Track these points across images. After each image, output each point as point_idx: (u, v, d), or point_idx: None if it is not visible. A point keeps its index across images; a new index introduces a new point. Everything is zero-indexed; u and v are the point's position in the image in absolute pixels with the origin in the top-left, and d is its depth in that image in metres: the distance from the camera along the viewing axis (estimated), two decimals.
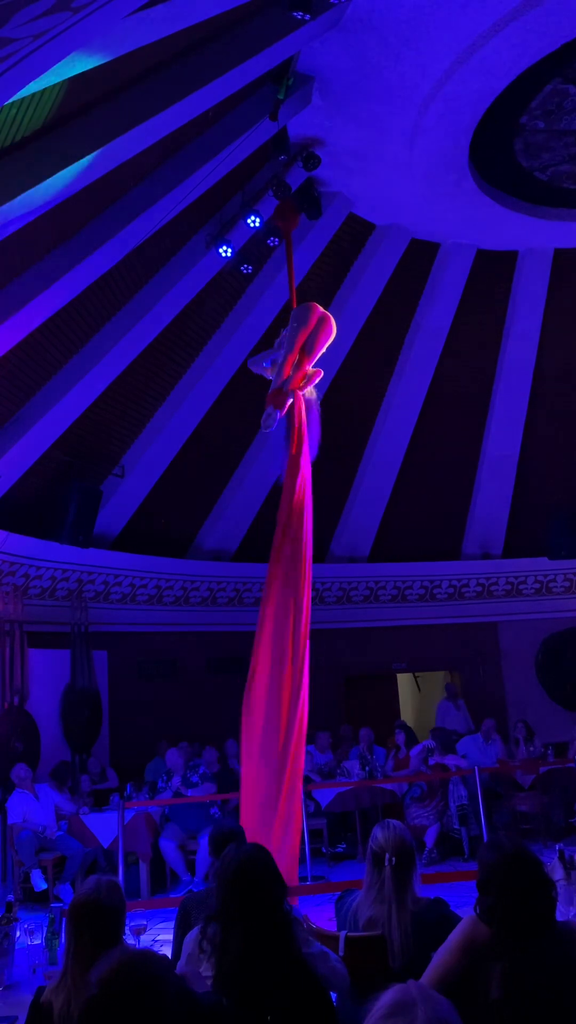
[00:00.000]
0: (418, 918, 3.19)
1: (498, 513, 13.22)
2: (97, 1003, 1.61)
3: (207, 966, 2.57)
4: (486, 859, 2.62)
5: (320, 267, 10.32)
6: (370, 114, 8.42)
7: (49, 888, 8.10)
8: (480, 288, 11.14)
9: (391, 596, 13.45)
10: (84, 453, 10.37)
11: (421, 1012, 1.30)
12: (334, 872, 9.13)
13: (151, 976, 1.66)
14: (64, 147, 6.60)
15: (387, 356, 11.64)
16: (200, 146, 7.98)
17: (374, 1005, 1.37)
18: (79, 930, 2.80)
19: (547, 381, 12.06)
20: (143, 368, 10.06)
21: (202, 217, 9.15)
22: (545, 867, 2.59)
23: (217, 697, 12.11)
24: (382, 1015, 1.33)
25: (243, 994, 2.35)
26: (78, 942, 2.79)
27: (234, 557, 12.58)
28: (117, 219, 7.96)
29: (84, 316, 9.12)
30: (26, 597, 10.41)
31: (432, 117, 8.37)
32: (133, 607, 11.99)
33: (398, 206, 9.89)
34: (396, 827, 3.45)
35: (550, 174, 9.45)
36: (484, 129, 8.65)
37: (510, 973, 2.34)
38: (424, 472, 12.64)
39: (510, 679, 13.60)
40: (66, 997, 2.67)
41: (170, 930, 4.21)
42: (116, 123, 6.76)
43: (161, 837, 8.87)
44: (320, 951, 2.76)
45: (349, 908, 3.43)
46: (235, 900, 2.56)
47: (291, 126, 8.57)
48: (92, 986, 1.65)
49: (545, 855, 3.83)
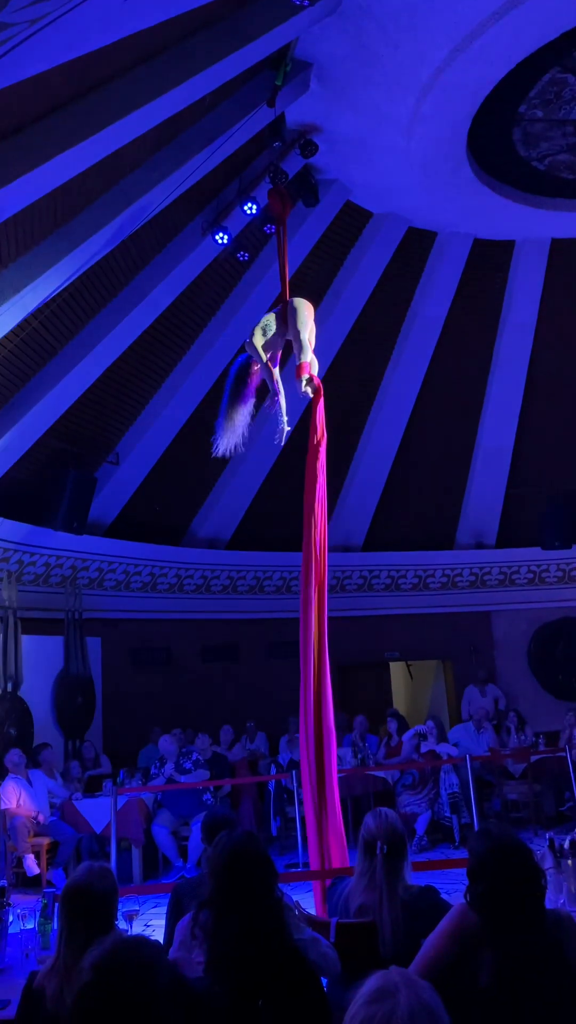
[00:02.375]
0: (409, 905, 3.22)
1: (492, 503, 13.25)
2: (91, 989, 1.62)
3: (199, 952, 2.58)
4: (476, 847, 2.64)
5: (317, 255, 10.30)
6: (368, 101, 8.38)
7: (42, 873, 8.14)
8: (477, 278, 11.13)
9: (385, 585, 13.49)
10: (79, 440, 10.36)
11: (403, 998, 1.32)
12: None
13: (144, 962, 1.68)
14: (61, 132, 6.56)
15: (383, 345, 11.63)
16: (197, 132, 7.92)
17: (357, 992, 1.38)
18: (72, 915, 2.82)
19: (542, 371, 12.06)
20: (139, 355, 10.04)
21: (199, 204, 9.11)
22: (535, 855, 2.60)
23: (210, 684, 12.17)
24: (365, 1001, 1.34)
25: (235, 980, 2.37)
26: (71, 927, 2.81)
27: (228, 545, 12.59)
28: (113, 205, 7.91)
29: (80, 302, 9.09)
30: (20, 583, 10.41)
31: (430, 105, 8.34)
32: (127, 594, 12.00)
33: (395, 194, 9.86)
34: (387, 815, 3.47)
35: (548, 163, 9.43)
36: (482, 118, 8.62)
37: (500, 961, 2.37)
38: (419, 461, 12.66)
39: (502, 668, 13.66)
40: (59, 982, 2.69)
41: (162, 915, 4.23)
42: (113, 108, 6.71)
43: (154, 823, 8.91)
44: (312, 937, 2.78)
45: (340, 895, 3.46)
46: (227, 886, 2.57)
47: (289, 113, 8.54)
48: (85, 972, 1.66)
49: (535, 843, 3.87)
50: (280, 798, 9.83)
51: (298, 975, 2.51)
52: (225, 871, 2.59)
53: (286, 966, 2.48)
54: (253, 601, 13.07)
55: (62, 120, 6.63)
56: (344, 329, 11.04)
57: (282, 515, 12.61)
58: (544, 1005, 2.29)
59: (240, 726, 11.50)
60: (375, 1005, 1.31)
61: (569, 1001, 2.31)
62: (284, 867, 8.23)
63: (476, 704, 12.35)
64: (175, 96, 6.98)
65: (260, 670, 12.61)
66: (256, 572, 12.89)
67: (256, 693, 12.20)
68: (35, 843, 8.29)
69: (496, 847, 2.56)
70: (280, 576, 13.07)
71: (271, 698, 12.06)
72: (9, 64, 4.99)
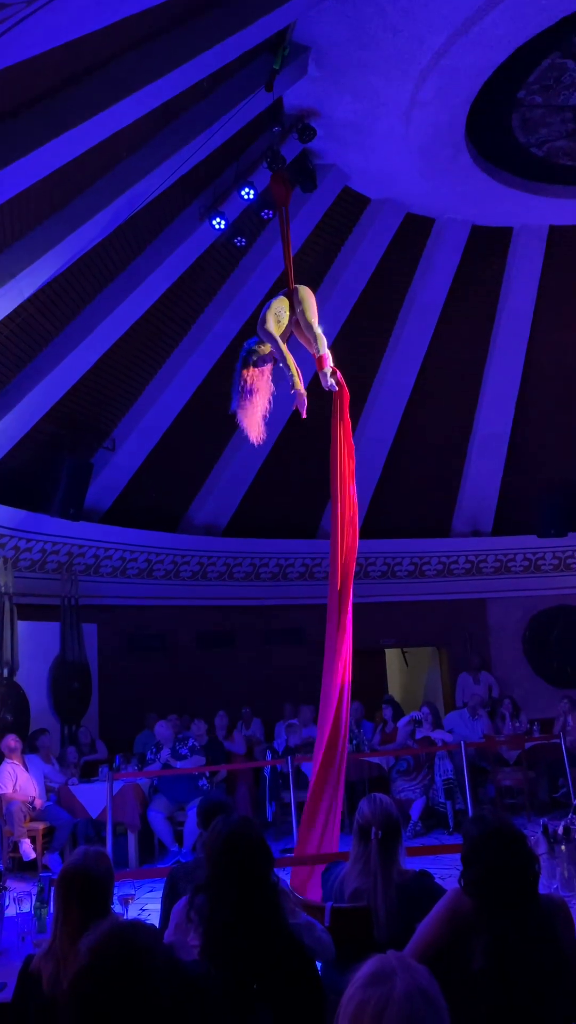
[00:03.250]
0: (403, 890, 3.24)
1: (488, 491, 13.26)
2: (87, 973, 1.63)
3: (195, 936, 2.60)
4: (471, 833, 2.66)
5: (314, 240, 10.25)
6: (367, 86, 8.33)
7: (38, 857, 8.18)
8: (474, 264, 11.09)
9: (381, 572, 13.50)
10: (75, 426, 10.33)
11: (400, 981, 1.33)
12: None
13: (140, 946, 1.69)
14: (57, 115, 6.51)
15: (380, 331, 11.59)
16: (195, 116, 7.87)
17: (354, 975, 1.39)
18: (68, 899, 2.84)
19: (540, 359, 12.04)
20: (135, 341, 10.00)
21: (196, 189, 9.06)
22: (529, 841, 2.62)
23: (206, 671, 12.19)
24: (361, 984, 1.35)
25: (230, 963, 2.39)
26: (67, 911, 2.82)
27: (225, 532, 12.59)
28: (110, 189, 7.86)
29: (76, 287, 9.05)
30: (16, 569, 10.40)
31: (429, 90, 8.29)
32: (123, 581, 12.00)
33: (394, 180, 9.81)
34: (382, 801, 3.50)
35: (546, 150, 9.39)
36: (481, 103, 8.57)
37: (493, 945, 2.38)
38: (415, 449, 12.65)
39: (497, 656, 13.70)
40: (55, 965, 2.71)
41: (157, 899, 4.25)
42: (110, 91, 6.67)
43: (150, 808, 8.95)
44: (306, 922, 2.80)
45: (335, 880, 3.48)
46: (223, 871, 2.58)
47: (287, 97, 8.49)
48: (82, 956, 1.67)
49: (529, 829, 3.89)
50: (276, 784, 9.88)
51: (293, 959, 2.52)
52: (221, 856, 2.61)
53: (281, 950, 2.50)
54: (249, 588, 13.09)
55: (58, 103, 6.59)
56: (342, 315, 11.00)
57: (279, 502, 12.62)
58: (537, 989, 2.31)
59: (236, 712, 11.54)
60: (371, 988, 1.32)
61: (561, 985, 2.33)
62: (279, 852, 8.28)
63: (470, 691, 12.41)
64: (172, 79, 6.93)
65: (256, 656, 12.64)
66: (252, 559, 12.90)
67: (252, 679, 12.23)
68: (31, 828, 8.32)
69: (490, 833, 2.58)
70: (276, 563, 13.08)
71: (267, 684, 12.10)
72: (5, 46, 4.96)
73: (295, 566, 13.22)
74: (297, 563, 13.21)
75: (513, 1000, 2.30)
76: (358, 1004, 1.32)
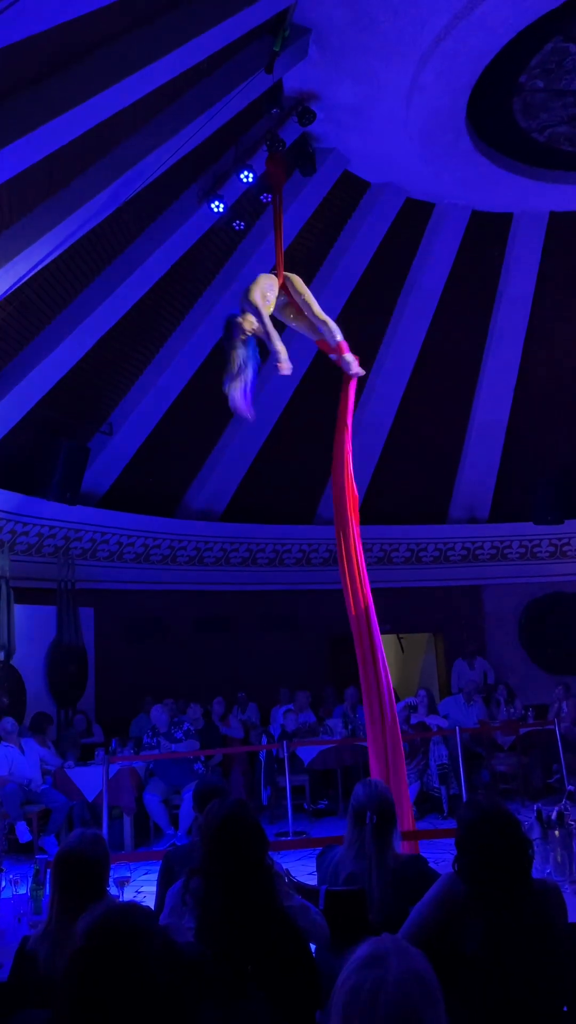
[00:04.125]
0: (398, 874, 3.26)
1: (485, 478, 13.26)
2: (83, 954, 1.64)
3: (190, 918, 2.62)
4: (465, 818, 2.67)
5: (314, 224, 10.20)
6: (367, 69, 8.27)
7: (34, 840, 8.22)
8: (474, 250, 11.04)
9: (377, 558, 13.51)
10: (72, 410, 10.30)
11: (394, 964, 1.34)
12: (315, 828, 9.29)
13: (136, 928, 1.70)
14: (55, 96, 6.45)
15: (379, 316, 11.56)
16: (194, 98, 7.80)
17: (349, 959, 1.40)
18: (64, 881, 2.86)
19: (538, 346, 12.02)
20: (133, 324, 9.95)
21: (195, 171, 9.00)
22: (523, 826, 2.64)
23: (202, 655, 12.21)
24: (355, 968, 1.36)
25: (225, 946, 2.41)
26: (63, 893, 2.84)
27: (222, 517, 12.59)
28: (108, 172, 7.80)
29: (73, 270, 8.99)
30: (13, 553, 10.40)
31: (430, 74, 8.23)
32: (120, 565, 12.01)
33: (394, 164, 9.76)
34: (377, 785, 3.52)
35: (548, 135, 9.33)
36: (482, 88, 8.51)
37: (486, 929, 2.40)
38: (413, 435, 12.63)
39: (493, 642, 13.75)
40: (51, 946, 2.73)
41: (153, 882, 4.28)
42: (108, 72, 6.61)
43: (145, 792, 8.98)
44: (301, 904, 2.81)
45: (330, 863, 3.50)
46: (218, 854, 2.60)
47: (287, 80, 8.41)
48: (77, 938, 1.68)
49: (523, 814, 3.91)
50: (271, 768, 9.92)
51: (287, 941, 2.54)
52: (216, 839, 2.62)
53: (275, 933, 2.52)
54: (246, 573, 13.10)
55: (56, 84, 6.53)
56: (341, 300, 10.96)
57: (276, 488, 12.61)
58: (529, 973, 2.33)
59: (232, 697, 11.58)
60: (365, 971, 1.33)
61: (554, 969, 2.35)
62: (274, 836, 8.33)
63: (465, 677, 12.45)
64: (172, 61, 6.87)
65: (252, 641, 12.67)
66: (249, 544, 12.90)
67: (248, 664, 12.26)
68: (27, 810, 8.36)
69: (484, 818, 2.59)
70: (273, 548, 13.09)
71: (263, 669, 12.14)
72: (3, 25, 4.91)
73: (292, 552, 13.24)
74: (294, 549, 13.22)
75: (506, 984, 2.32)
76: (352, 987, 1.33)
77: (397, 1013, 1.27)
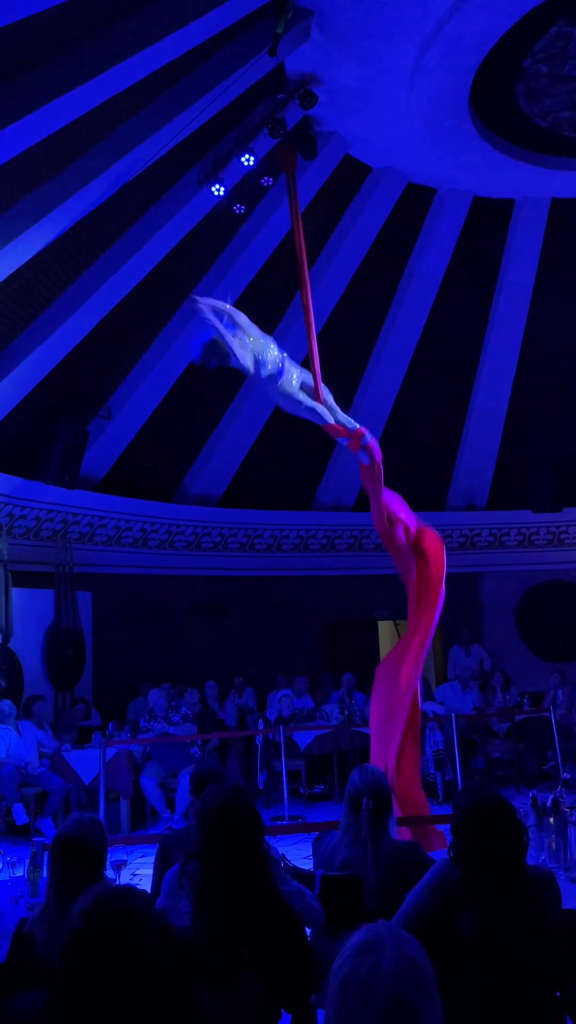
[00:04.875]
0: (393, 860, 3.28)
1: (484, 465, 13.24)
2: (80, 936, 1.65)
3: (186, 902, 2.63)
4: (460, 804, 2.68)
5: (315, 208, 10.13)
6: (370, 52, 8.19)
7: (31, 822, 8.26)
8: (475, 236, 10.99)
9: (375, 545, 13.48)
10: (71, 393, 10.27)
11: (389, 951, 1.35)
12: (311, 812, 9.33)
13: (133, 910, 1.71)
14: (55, 77, 6.41)
15: (380, 302, 11.52)
16: (195, 80, 7.75)
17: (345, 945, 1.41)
18: (61, 864, 2.87)
19: (538, 333, 11.98)
20: (132, 308, 9.90)
21: (195, 154, 8.94)
22: (518, 813, 2.65)
23: (200, 640, 12.23)
24: (351, 954, 1.37)
25: (221, 931, 2.42)
26: (60, 876, 2.86)
27: (220, 502, 12.59)
28: (109, 154, 7.76)
29: (73, 252, 8.95)
30: (11, 536, 10.40)
31: (433, 57, 8.16)
32: (118, 549, 12.01)
33: (396, 149, 9.69)
34: (373, 771, 3.53)
35: (551, 121, 9.27)
36: (486, 72, 8.45)
37: (481, 915, 2.41)
38: (412, 422, 12.61)
39: (490, 629, 13.78)
40: (49, 928, 2.74)
41: (150, 865, 4.30)
42: (110, 53, 6.56)
43: (142, 775, 9.02)
44: (297, 889, 2.83)
45: (326, 848, 3.52)
46: (215, 839, 2.61)
47: (289, 62, 8.34)
48: (75, 919, 1.69)
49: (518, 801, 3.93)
50: (267, 753, 9.96)
51: (283, 926, 2.56)
52: (213, 824, 2.63)
53: (271, 917, 2.53)
54: (244, 559, 13.11)
55: (57, 65, 6.49)
56: (341, 285, 10.93)
57: (274, 474, 12.60)
58: (523, 959, 2.34)
59: (229, 682, 11.61)
60: (361, 958, 1.34)
61: (547, 956, 2.36)
62: (270, 820, 8.36)
63: (461, 664, 12.48)
64: (172, 42, 6.82)
65: (249, 626, 12.68)
66: (247, 530, 12.90)
67: (245, 649, 12.28)
68: (24, 793, 8.39)
69: (480, 804, 2.60)
70: (271, 534, 13.09)
71: (260, 654, 12.16)
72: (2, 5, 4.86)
73: (290, 538, 13.24)
74: (292, 535, 13.22)
75: (500, 970, 2.34)
76: (348, 973, 1.34)
77: (392, 1000, 1.28)
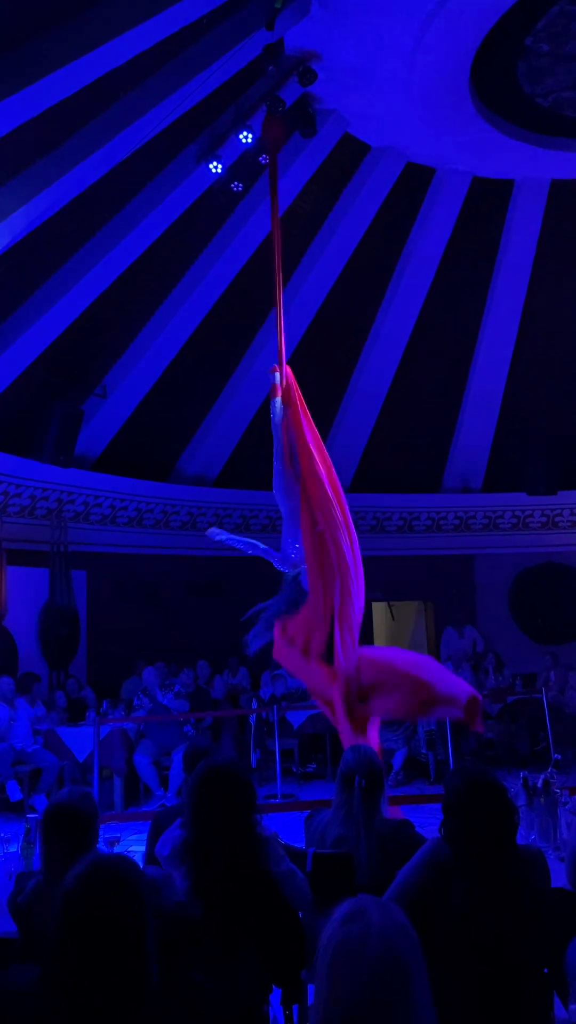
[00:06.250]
0: (385, 838, 3.31)
1: (480, 447, 13.24)
2: (73, 896, 1.68)
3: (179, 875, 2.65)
4: (452, 783, 2.69)
5: (313, 187, 10.07)
6: (370, 28, 8.11)
7: (24, 799, 8.30)
8: (474, 217, 10.92)
9: (370, 527, 13.52)
10: (66, 372, 10.22)
11: (374, 915, 1.38)
12: (304, 791, 9.39)
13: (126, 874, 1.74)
14: (52, 51, 6.33)
15: (377, 283, 11.46)
16: (193, 55, 7.65)
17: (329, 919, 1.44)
18: (54, 835, 2.89)
19: (537, 315, 11.94)
20: (128, 285, 9.83)
21: (193, 131, 8.86)
22: (509, 793, 2.66)
23: (194, 619, 12.25)
24: (338, 924, 1.41)
25: (212, 906, 2.44)
26: (53, 846, 2.87)
27: (215, 483, 12.58)
28: (105, 128, 7.68)
29: (69, 229, 8.88)
30: (5, 515, 10.38)
31: (434, 35, 8.08)
32: (113, 528, 12.00)
33: (395, 127, 9.61)
34: (366, 750, 3.56)
35: (552, 100, 9.19)
36: (487, 50, 8.36)
37: (470, 894, 2.44)
38: (408, 403, 12.59)
39: (483, 611, 13.82)
40: (42, 899, 2.76)
41: (142, 842, 4.33)
42: (106, 28, 6.48)
43: (136, 753, 9.07)
44: (288, 870, 2.84)
45: (318, 826, 3.54)
46: (207, 816, 2.62)
47: (288, 38, 8.24)
48: (68, 880, 1.72)
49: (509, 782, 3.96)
50: (261, 731, 10.01)
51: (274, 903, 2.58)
52: (205, 801, 2.64)
53: (262, 894, 2.55)
54: None
55: (53, 40, 6.41)
56: (339, 265, 10.88)
57: (269, 455, 12.55)
58: (513, 937, 2.37)
59: (223, 661, 11.64)
60: (348, 926, 1.37)
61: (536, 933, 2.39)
62: (263, 798, 8.42)
63: (455, 645, 12.54)
64: (171, 16, 6.74)
65: (244, 606, 12.66)
66: (243, 510, 12.89)
67: (240, 629, 12.25)
68: (18, 770, 8.43)
69: (471, 784, 2.62)
70: (267, 515, 13.08)
71: None
72: None
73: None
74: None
75: (489, 948, 2.36)
76: (338, 942, 1.36)
77: (385, 960, 1.31)
